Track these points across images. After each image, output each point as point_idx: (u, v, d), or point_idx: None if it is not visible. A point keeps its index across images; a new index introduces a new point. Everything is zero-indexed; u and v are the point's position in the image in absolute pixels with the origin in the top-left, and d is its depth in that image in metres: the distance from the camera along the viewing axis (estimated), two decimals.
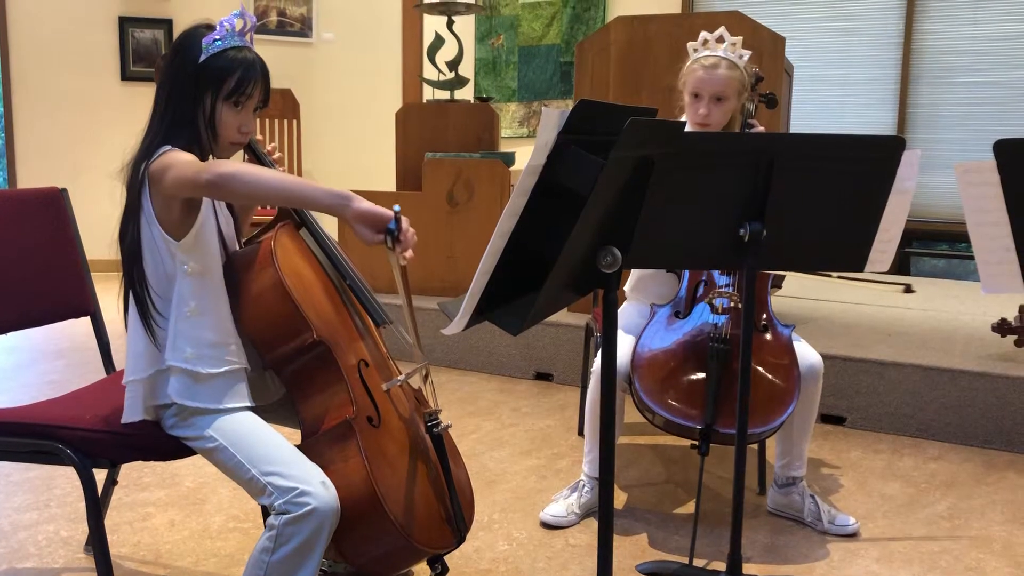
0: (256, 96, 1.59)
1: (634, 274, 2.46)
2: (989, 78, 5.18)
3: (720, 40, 2.21)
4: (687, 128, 2.25)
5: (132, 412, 1.58)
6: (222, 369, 1.56)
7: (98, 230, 2.67)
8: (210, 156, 1.63)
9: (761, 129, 2.27)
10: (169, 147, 1.53)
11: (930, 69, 5.32)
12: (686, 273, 2.26)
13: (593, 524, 2.28)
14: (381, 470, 1.52)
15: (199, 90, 1.54)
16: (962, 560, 2.13)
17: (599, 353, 2.30)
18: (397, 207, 1.42)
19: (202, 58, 1.54)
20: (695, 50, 2.24)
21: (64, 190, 2.03)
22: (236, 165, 1.45)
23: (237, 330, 1.60)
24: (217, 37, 1.54)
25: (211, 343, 1.56)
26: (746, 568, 2.04)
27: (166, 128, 1.56)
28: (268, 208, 4.17)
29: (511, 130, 6.30)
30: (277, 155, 1.76)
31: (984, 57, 5.18)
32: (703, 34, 2.23)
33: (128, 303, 1.58)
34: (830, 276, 3.55)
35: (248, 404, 1.59)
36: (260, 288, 1.58)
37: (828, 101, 5.56)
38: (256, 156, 1.72)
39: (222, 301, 1.59)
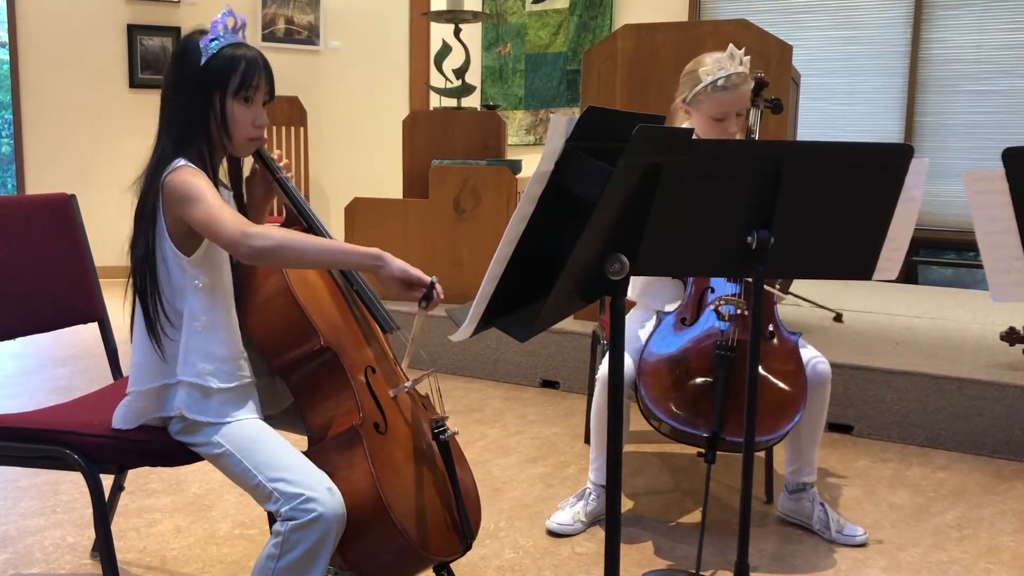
0: (263, 88, 1.58)
1: (640, 281, 2.45)
2: (996, 86, 5.17)
3: (731, 56, 2.19)
4: None
5: (125, 420, 1.58)
6: (232, 384, 1.56)
7: (106, 236, 2.69)
8: (225, 158, 1.63)
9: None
10: (183, 162, 1.52)
11: (937, 77, 5.31)
12: (691, 280, 2.26)
13: (599, 532, 2.27)
14: (387, 477, 1.52)
15: (207, 93, 1.54)
16: (971, 570, 2.12)
17: (604, 360, 2.30)
18: (435, 278, 1.56)
19: (203, 60, 1.53)
20: (708, 74, 2.18)
21: (73, 196, 2.04)
22: (277, 236, 1.45)
23: (245, 339, 1.61)
24: (213, 38, 1.54)
25: (222, 358, 1.56)
26: None
27: (176, 138, 1.55)
28: (275, 215, 4.19)
29: (518, 138, 6.31)
30: (284, 162, 1.75)
31: (991, 66, 5.17)
32: (714, 58, 2.19)
33: (135, 313, 1.58)
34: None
35: (257, 417, 1.59)
36: (267, 294, 1.58)
37: (835, 109, 5.55)
38: (265, 164, 1.70)
39: (231, 315, 1.59)
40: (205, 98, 1.54)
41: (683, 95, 2.26)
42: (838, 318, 1.79)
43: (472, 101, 5.43)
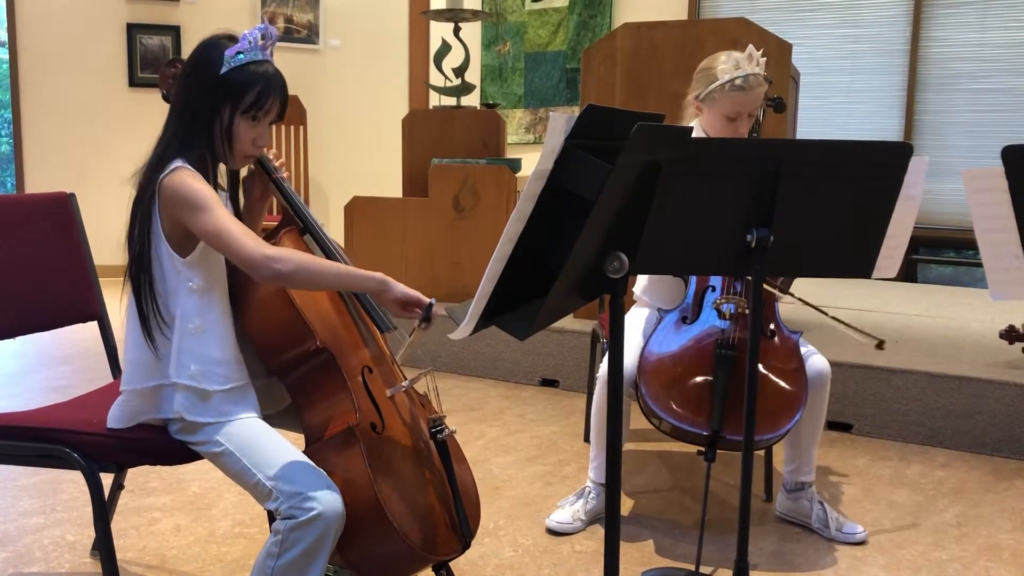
0: (273, 111, 1.58)
1: (642, 278, 2.45)
2: (996, 85, 5.17)
3: (750, 57, 2.18)
4: None
5: (120, 420, 1.58)
6: (228, 386, 1.56)
7: (106, 235, 2.69)
8: (220, 166, 1.63)
9: None
10: (182, 163, 1.51)
11: (937, 76, 5.31)
12: (693, 278, 2.25)
13: (599, 531, 2.27)
14: (384, 477, 1.52)
15: (218, 102, 1.53)
16: (970, 568, 2.12)
17: (605, 358, 2.30)
18: (433, 300, 1.59)
19: (223, 70, 1.52)
20: (724, 73, 2.17)
21: (72, 195, 2.04)
22: (296, 260, 1.46)
23: (241, 338, 1.60)
24: (240, 50, 1.53)
25: (216, 360, 1.55)
26: (753, 575, 2.03)
27: (180, 137, 1.54)
28: (273, 213, 4.18)
29: (517, 136, 6.31)
30: (281, 161, 1.74)
31: (991, 64, 5.17)
32: (730, 57, 2.19)
33: (129, 309, 1.58)
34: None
35: (256, 416, 1.59)
36: (263, 295, 1.57)
37: (835, 108, 5.55)
38: (264, 169, 1.69)
39: (227, 317, 1.58)
40: (214, 107, 1.54)
41: (696, 92, 2.24)
42: (880, 346, 1.78)
43: (472, 100, 5.43)
